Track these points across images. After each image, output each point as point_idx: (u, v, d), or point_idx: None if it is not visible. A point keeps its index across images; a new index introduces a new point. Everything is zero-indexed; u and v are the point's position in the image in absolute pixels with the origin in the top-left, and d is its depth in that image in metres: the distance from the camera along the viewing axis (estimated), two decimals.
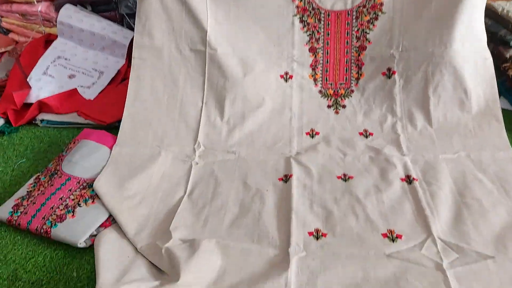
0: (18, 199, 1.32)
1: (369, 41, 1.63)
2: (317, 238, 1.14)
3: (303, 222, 1.18)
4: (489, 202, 1.23)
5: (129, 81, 1.62)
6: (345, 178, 1.35)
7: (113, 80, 2.00)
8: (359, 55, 1.64)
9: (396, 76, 1.60)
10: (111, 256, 1.10)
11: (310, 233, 1.16)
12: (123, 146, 1.51)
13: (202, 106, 1.60)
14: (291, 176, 1.36)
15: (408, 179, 1.33)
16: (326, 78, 1.66)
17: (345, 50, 1.66)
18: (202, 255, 1.07)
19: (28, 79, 1.87)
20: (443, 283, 0.99)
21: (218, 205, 1.27)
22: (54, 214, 1.25)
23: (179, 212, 1.24)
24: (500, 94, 1.79)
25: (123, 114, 1.58)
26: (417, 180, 1.32)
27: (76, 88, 1.89)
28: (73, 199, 1.30)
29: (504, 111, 1.56)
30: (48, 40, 2.13)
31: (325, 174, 1.36)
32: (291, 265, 1.05)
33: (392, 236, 1.13)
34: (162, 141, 1.52)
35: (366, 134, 1.54)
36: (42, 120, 1.75)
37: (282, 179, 1.36)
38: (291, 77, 1.65)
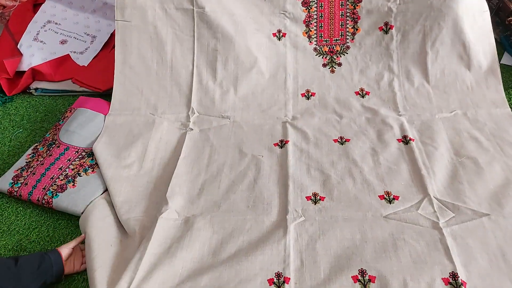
0: (17, 170, 1.29)
1: None
2: (315, 202, 1.12)
3: (300, 187, 1.16)
4: (484, 160, 1.19)
5: (115, 46, 1.51)
6: (342, 141, 1.31)
7: (106, 44, 1.89)
8: (354, 7, 1.53)
9: (393, 30, 1.51)
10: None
11: (308, 198, 1.13)
12: (116, 115, 1.45)
13: (193, 70, 1.50)
14: (287, 142, 1.31)
15: (405, 140, 1.28)
16: (321, 35, 1.56)
17: (340, 3, 1.54)
18: (195, 232, 1.05)
19: (18, 46, 1.78)
20: (440, 242, 0.98)
21: (214, 172, 1.24)
22: (54, 184, 1.23)
23: (175, 177, 1.21)
24: (504, 49, 1.72)
25: (114, 83, 1.50)
26: (413, 140, 1.27)
27: (68, 54, 1.80)
28: (72, 169, 1.27)
29: (507, 67, 1.48)
30: (36, 3, 2.01)
31: (322, 138, 1.32)
32: (289, 231, 1.03)
33: (389, 198, 1.11)
34: (156, 109, 1.46)
35: (362, 93, 1.48)
36: (36, 89, 1.68)
37: (278, 144, 1.32)
38: (284, 35, 1.55)
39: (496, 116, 1.36)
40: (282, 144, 1.31)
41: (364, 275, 0.92)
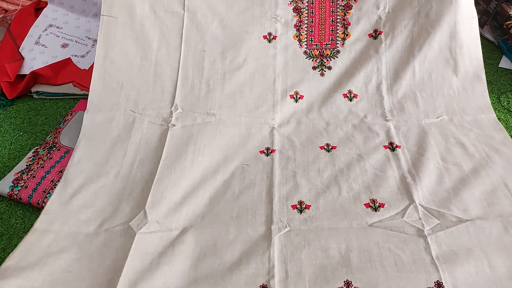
0: (17, 173, 1.23)
1: (355, 0, 1.45)
2: (301, 211, 1.05)
3: (286, 196, 1.08)
4: (470, 166, 1.13)
5: (98, 40, 1.41)
6: (328, 148, 1.23)
7: None
8: (345, 14, 1.46)
9: (382, 36, 1.43)
10: None
11: (294, 206, 1.06)
12: (95, 113, 1.34)
13: (178, 68, 1.40)
14: (273, 151, 1.23)
15: (391, 146, 1.21)
16: (311, 39, 1.49)
17: (331, 10, 1.47)
18: (177, 246, 0.97)
19: (20, 50, 1.70)
20: (424, 250, 0.92)
21: (197, 178, 1.13)
22: (54, 187, 1.17)
23: (156, 183, 1.11)
24: (502, 53, 1.66)
25: (92, 77, 1.39)
26: (400, 147, 1.21)
27: (69, 58, 1.73)
28: None
29: (505, 70, 1.43)
30: (38, 7, 1.92)
31: (308, 145, 1.24)
32: (274, 242, 0.96)
33: (374, 206, 1.04)
34: (137, 106, 1.35)
35: (350, 96, 1.40)
36: (37, 92, 1.60)
37: (264, 152, 1.24)
38: (274, 37, 1.46)
39: (482, 122, 1.29)
40: (268, 152, 1.24)
41: (350, 286, 0.86)
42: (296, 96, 1.41)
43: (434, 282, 0.86)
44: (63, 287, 0.90)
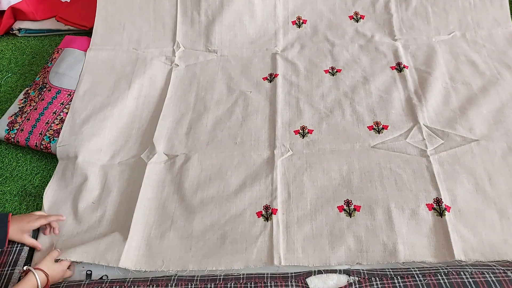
0: (11, 116, 1.32)
1: None
2: (303, 136, 1.14)
3: (288, 122, 1.18)
4: (479, 85, 1.19)
5: None
6: (333, 71, 1.30)
7: None
8: None
9: None
10: None
11: (296, 132, 1.16)
12: (97, 50, 1.45)
13: (177, 1, 1.48)
14: (276, 75, 1.31)
15: (399, 67, 1.27)
16: None
17: None
18: (185, 172, 1.10)
19: None
20: (426, 169, 1.02)
21: (201, 109, 1.25)
22: (50, 129, 1.26)
23: (161, 119, 1.23)
24: None
25: (95, 18, 1.50)
26: (407, 67, 1.26)
27: None
28: (67, 113, 1.30)
29: None
30: None
31: (312, 69, 1.31)
32: (277, 166, 1.07)
33: (378, 128, 1.13)
34: (139, 44, 1.46)
35: (356, 17, 1.43)
36: (20, 29, 1.65)
37: (267, 78, 1.31)
38: None
39: (497, 37, 1.32)
40: (271, 78, 1.31)
41: (350, 205, 0.98)
42: (299, 21, 1.44)
43: (433, 199, 0.97)
44: (89, 218, 1.05)
